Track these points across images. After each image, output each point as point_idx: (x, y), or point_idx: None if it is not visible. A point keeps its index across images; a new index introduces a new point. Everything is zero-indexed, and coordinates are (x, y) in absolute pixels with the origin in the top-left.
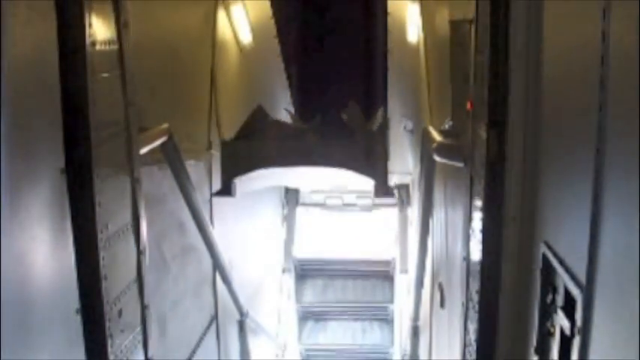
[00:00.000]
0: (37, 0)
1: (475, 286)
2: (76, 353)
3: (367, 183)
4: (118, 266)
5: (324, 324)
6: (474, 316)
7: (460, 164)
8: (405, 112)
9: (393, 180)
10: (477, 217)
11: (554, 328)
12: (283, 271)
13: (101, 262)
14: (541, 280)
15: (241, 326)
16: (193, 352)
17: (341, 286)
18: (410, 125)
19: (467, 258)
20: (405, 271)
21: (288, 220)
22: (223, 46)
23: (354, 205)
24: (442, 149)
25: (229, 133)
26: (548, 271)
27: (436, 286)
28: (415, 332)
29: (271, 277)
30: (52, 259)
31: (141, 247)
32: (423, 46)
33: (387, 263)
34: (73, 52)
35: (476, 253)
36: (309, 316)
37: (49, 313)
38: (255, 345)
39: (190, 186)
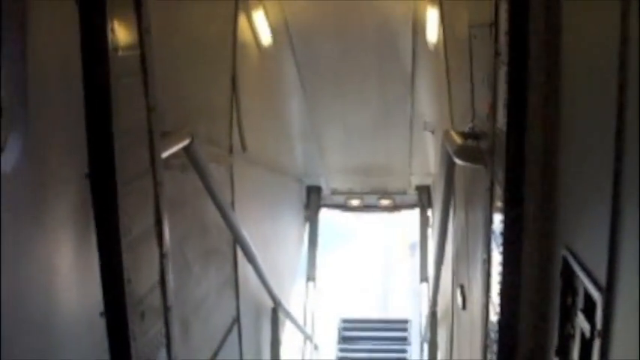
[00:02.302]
0: (61, 7)
1: (496, 288)
2: (100, 356)
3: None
4: (141, 269)
5: None
6: (494, 317)
7: (480, 167)
8: (428, 113)
9: (414, 181)
10: (498, 220)
11: (575, 330)
12: (308, 279)
13: (125, 266)
14: (561, 282)
15: (274, 314)
16: (215, 354)
17: None
18: (431, 125)
19: (487, 260)
20: (425, 279)
21: (311, 224)
22: (244, 49)
23: (374, 206)
24: (462, 152)
25: (251, 137)
26: (568, 274)
27: (457, 288)
28: (434, 316)
29: (295, 284)
30: (77, 264)
31: (164, 250)
32: (443, 48)
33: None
34: (96, 58)
35: (496, 256)
36: None
37: (74, 317)
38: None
39: (215, 185)
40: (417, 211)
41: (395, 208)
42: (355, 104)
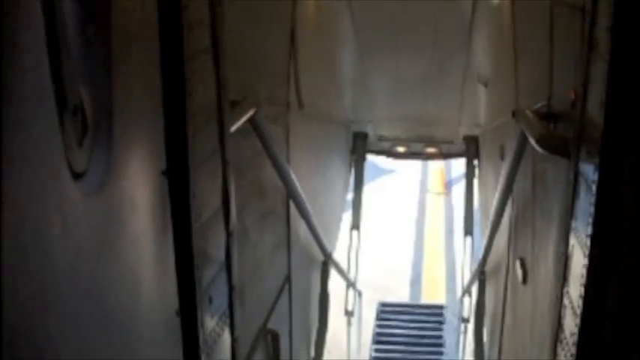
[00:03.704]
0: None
1: (576, 288)
2: (174, 351)
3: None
4: (209, 253)
5: None
6: (572, 315)
7: (563, 157)
8: (483, 66)
9: (462, 132)
10: (583, 219)
11: None
12: (352, 227)
13: (195, 253)
14: None
15: (325, 267)
16: (269, 315)
17: None
18: (484, 78)
19: (565, 254)
20: (469, 232)
21: (357, 170)
22: (303, 3)
23: (420, 153)
24: (547, 142)
25: (305, 90)
26: None
27: (516, 260)
28: (482, 277)
29: (340, 233)
30: (156, 264)
31: (230, 229)
32: (510, 13)
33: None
34: (171, 47)
35: (578, 256)
36: None
37: (153, 317)
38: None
39: (276, 149)
40: (462, 161)
41: (441, 156)
42: (409, 55)
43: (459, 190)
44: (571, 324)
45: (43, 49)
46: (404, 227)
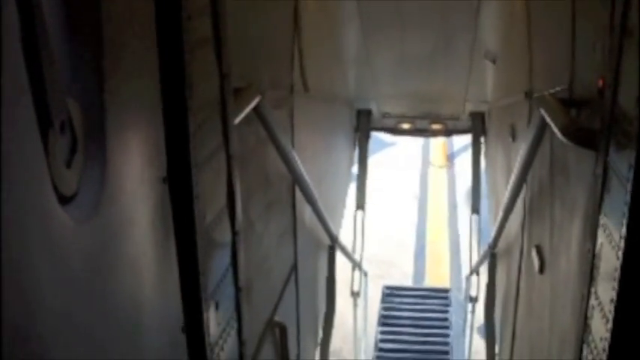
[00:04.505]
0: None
1: (607, 291)
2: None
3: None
4: (214, 257)
5: None
6: (601, 319)
7: (589, 149)
8: (490, 42)
9: (468, 108)
10: (613, 217)
11: None
12: (357, 207)
13: (199, 259)
14: None
15: (331, 252)
16: (276, 307)
17: None
18: (492, 54)
19: (592, 251)
20: (476, 210)
21: (361, 148)
22: None
23: (426, 130)
24: (574, 134)
25: (309, 72)
26: None
27: (532, 247)
28: (492, 259)
29: (345, 213)
30: (159, 278)
31: (236, 228)
32: None
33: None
34: (170, 40)
35: (609, 255)
36: None
37: (157, 333)
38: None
39: (280, 135)
40: (468, 137)
41: (446, 132)
42: (414, 31)
43: (461, 163)
44: (601, 328)
45: (21, 58)
46: (407, 201)
